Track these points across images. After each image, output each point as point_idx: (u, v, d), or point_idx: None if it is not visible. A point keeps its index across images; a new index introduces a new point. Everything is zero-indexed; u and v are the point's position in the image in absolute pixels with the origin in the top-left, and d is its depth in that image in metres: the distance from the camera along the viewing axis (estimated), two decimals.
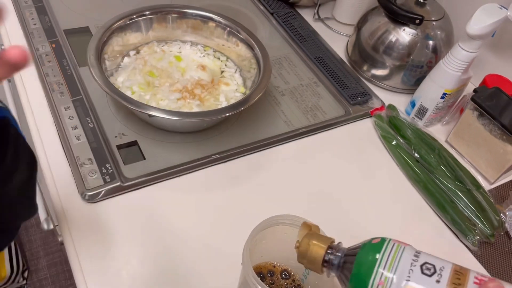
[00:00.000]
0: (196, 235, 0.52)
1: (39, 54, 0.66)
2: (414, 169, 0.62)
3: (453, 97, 0.68)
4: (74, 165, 0.54)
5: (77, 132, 0.57)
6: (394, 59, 0.73)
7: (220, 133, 0.62)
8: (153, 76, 0.61)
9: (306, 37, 0.81)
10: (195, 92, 0.59)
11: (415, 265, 0.33)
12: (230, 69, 0.67)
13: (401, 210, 0.59)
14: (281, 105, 0.68)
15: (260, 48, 0.64)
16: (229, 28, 0.67)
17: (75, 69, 0.65)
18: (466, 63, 0.62)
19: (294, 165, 0.62)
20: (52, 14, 0.73)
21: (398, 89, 0.76)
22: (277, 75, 0.73)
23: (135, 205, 0.53)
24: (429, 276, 0.32)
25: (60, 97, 0.61)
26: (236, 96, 0.63)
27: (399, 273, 0.32)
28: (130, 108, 0.53)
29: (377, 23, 0.74)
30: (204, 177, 0.58)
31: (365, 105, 0.71)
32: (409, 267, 0.33)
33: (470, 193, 0.59)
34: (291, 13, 0.86)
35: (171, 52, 0.66)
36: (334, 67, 0.77)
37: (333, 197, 0.59)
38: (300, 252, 0.38)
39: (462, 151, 0.67)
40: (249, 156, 0.61)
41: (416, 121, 0.70)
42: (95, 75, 0.54)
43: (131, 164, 0.56)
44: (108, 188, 0.53)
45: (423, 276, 0.32)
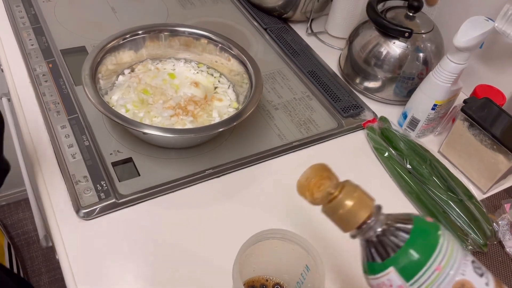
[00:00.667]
0: (191, 250, 0.52)
1: (36, 74, 0.68)
2: (406, 180, 0.62)
3: (444, 108, 0.68)
4: (69, 183, 0.55)
5: (73, 150, 0.58)
6: (386, 72, 0.74)
7: (214, 148, 0.63)
8: (147, 93, 0.62)
9: (299, 52, 0.83)
10: (188, 108, 0.60)
11: (468, 260, 0.31)
12: (223, 85, 0.68)
13: None
14: (274, 119, 0.69)
15: (251, 64, 0.65)
16: (221, 44, 0.68)
17: (71, 88, 0.67)
18: (455, 75, 0.63)
19: (287, 178, 0.62)
20: (49, 35, 0.75)
21: (391, 101, 0.77)
22: (271, 89, 0.74)
23: (130, 221, 0.54)
24: (480, 276, 0.31)
25: (56, 116, 0.62)
26: (229, 112, 0.64)
27: (457, 263, 0.30)
28: (124, 126, 0.54)
29: (368, 36, 0.75)
30: (198, 192, 0.58)
31: (358, 118, 0.72)
32: (463, 260, 0.31)
33: (462, 203, 0.59)
34: (284, 28, 0.88)
35: (165, 70, 0.68)
36: (327, 80, 0.78)
37: None
38: (339, 202, 0.34)
39: (455, 161, 0.68)
40: (243, 170, 0.62)
41: (409, 132, 0.71)
42: (90, 94, 0.55)
43: (126, 181, 0.57)
44: (103, 205, 0.53)
45: (475, 275, 0.31)
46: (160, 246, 0.52)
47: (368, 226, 0.34)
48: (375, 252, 0.33)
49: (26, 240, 1.36)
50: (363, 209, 0.34)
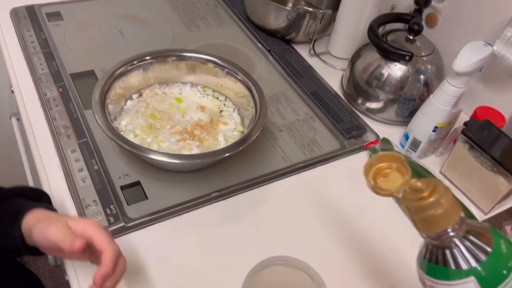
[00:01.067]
0: (198, 272, 0.54)
1: (47, 98, 0.70)
2: None
3: (445, 129, 0.70)
4: (79, 207, 0.57)
5: (83, 174, 0.60)
6: (387, 93, 0.75)
7: (219, 170, 0.64)
8: (155, 118, 0.64)
9: (302, 73, 0.84)
10: (195, 133, 0.62)
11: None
12: (228, 108, 0.70)
13: (398, 242, 0.61)
14: (278, 141, 0.71)
15: (256, 88, 0.67)
16: (227, 69, 0.70)
17: (81, 112, 0.68)
18: (455, 98, 0.65)
19: (292, 200, 0.64)
20: (59, 59, 0.77)
21: (393, 121, 0.78)
22: (275, 111, 0.76)
23: (138, 244, 0.55)
24: None
25: (66, 140, 0.64)
26: (234, 135, 0.66)
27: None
28: (133, 153, 0.56)
29: (370, 58, 0.77)
30: (204, 215, 0.60)
31: (360, 139, 0.74)
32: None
33: None
34: (288, 49, 0.90)
35: (172, 94, 0.69)
36: (329, 101, 0.79)
37: (331, 229, 0.61)
38: (430, 204, 0.32)
39: (456, 182, 0.69)
40: (248, 192, 0.63)
41: (411, 153, 0.72)
42: (100, 121, 0.57)
43: (134, 205, 0.58)
44: (112, 229, 0.55)
45: None
46: (168, 269, 0.53)
47: (451, 232, 0.33)
48: (452, 258, 0.33)
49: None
50: (453, 215, 0.33)
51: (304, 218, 0.62)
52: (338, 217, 0.62)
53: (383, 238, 0.61)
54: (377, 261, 0.58)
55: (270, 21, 0.89)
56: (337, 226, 0.61)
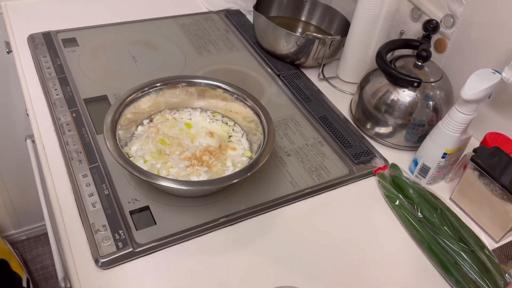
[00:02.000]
0: None
1: (61, 123, 0.71)
2: (417, 229, 0.63)
3: (455, 156, 0.69)
4: (89, 232, 0.57)
5: (93, 199, 0.61)
6: (396, 118, 0.75)
7: (227, 195, 0.65)
8: (165, 144, 0.65)
9: (311, 97, 0.85)
10: (203, 158, 0.63)
11: None
12: (237, 133, 0.71)
13: (406, 270, 0.60)
14: (286, 166, 0.71)
15: (264, 114, 0.67)
16: (236, 95, 0.71)
17: (93, 136, 0.70)
18: (464, 125, 0.65)
19: (300, 226, 0.64)
20: (73, 84, 0.79)
21: (402, 147, 0.78)
22: (283, 135, 0.77)
23: (146, 270, 0.55)
24: None
25: (78, 164, 0.65)
26: (242, 161, 0.66)
27: None
28: (142, 179, 0.57)
29: (379, 83, 0.77)
30: (212, 240, 0.60)
31: (369, 164, 0.74)
32: None
33: (474, 254, 0.60)
34: (297, 74, 0.91)
35: (182, 120, 0.71)
36: (338, 126, 0.80)
37: (338, 257, 0.60)
38: None
39: (466, 209, 0.68)
40: (256, 218, 0.64)
41: (420, 179, 0.72)
42: (110, 148, 0.58)
43: (142, 230, 0.59)
44: (121, 254, 0.55)
45: None
46: None
47: None
48: None
49: (44, 275, 1.39)
50: None
51: (311, 245, 0.61)
52: (346, 244, 0.62)
53: (392, 269, 0.60)
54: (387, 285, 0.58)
55: (280, 46, 0.90)
56: (345, 254, 0.61)
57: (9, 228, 1.44)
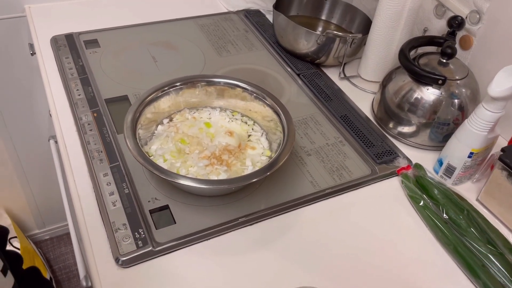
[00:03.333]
0: None
1: (82, 123, 0.72)
2: (443, 231, 0.61)
3: (481, 155, 0.67)
4: (109, 230, 0.58)
5: (114, 198, 0.61)
6: (420, 117, 0.74)
7: (247, 195, 0.64)
8: (184, 143, 0.64)
9: (332, 96, 0.84)
10: (223, 158, 0.62)
11: None
12: (256, 133, 0.70)
13: (430, 273, 0.58)
14: (307, 166, 0.70)
15: (284, 113, 0.67)
16: (255, 94, 0.70)
17: (114, 136, 0.70)
18: (491, 123, 0.62)
19: (320, 227, 0.62)
20: (95, 85, 0.80)
21: (426, 146, 0.76)
22: (303, 135, 0.76)
23: (165, 269, 0.55)
24: None
25: (99, 164, 0.66)
26: (262, 160, 0.66)
27: None
28: (162, 178, 0.56)
29: (401, 82, 0.75)
30: (232, 240, 0.59)
31: (392, 164, 0.72)
32: None
33: (503, 256, 0.57)
34: (317, 73, 0.90)
35: (202, 119, 0.70)
36: (359, 125, 0.78)
37: (360, 259, 0.59)
38: None
39: (494, 210, 0.66)
40: (275, 218, 0.63)
41: (445, 180, 0.70)
42: (131, 146, 0.58)
43: (162, 229, 0.59)
44: (141, 253, 0.55)
45: None
46: None
47: None
48: None
49: (67, 274, 1.41)
50: None
51: (333, 246, 0.60)
52: (368, 245, 0.61)
53: (416, 271, 0.59)
54: None
55: (300, 45, 0.89)
56: (367, 255, 0.59)
57: (33, 227, 1.47)
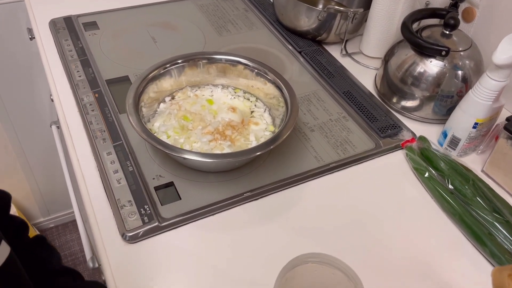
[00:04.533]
0: (231, 272, 0.53)
1: (84, 103, 0.72)
2: (448, 201, 0.61)
3: (486, 126, 0.67)
4: (115, 207, 0.58)
5: (118, 176, 0.61)
6: (424, 90, 0.73)
7: (251, 170, 0.64)
8: (187, 120, 0.64)
9: (334, 73, 0.83)
10: (226, 133, 0.62)
11: None
12: (259, 109, 0.70)
13: (437, 243, 0.58)
14: (310, 141, 0.70)
15: (287, 88, 0.66)
16: (257, 70, 0.70)
17: (116, 116, 0.70)
18: (496, 92, 0.62)
19: (326, 200, 0.62)
20: (95, 66, 0.79)
21: (430, 120, 0.76)
22: (306, 111, 0.75)
23: (172, 244, 0.55)
24: None
25: (102, 143, 0.66)
26: (265, 135, 0.65)
27: None
28: (166, 152, 0.56)
29: (404, 55, 0.75)
30: (237, 215, 0.59)
31: (396, 138, 0.72)
32: None
33: (509, 224, 0.57)
34: (319, 50, 0.89)
35: (204, 96, 0.70)
36: (363, 100, 0.78)
37: (366, 231, 0.59)
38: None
39: (500, 180, 0.66)
40: (280, 193, 0.63)
41: (450, 152, 0.70)
42: (133, 123, 0.58)
43: (167, 205, 0.59)
44: (147, 228, 0.56)
45: None
46: (201, 268, 0.53)
47: None
48: None
49: (73, 261, 1.42)
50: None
51: (338, 219, 0.60)
52: (373, 217, 0.61)
53: (422, 242, 0.59)
54: (413, 262, 0.56)
55: (301, 22, 0.88)
56: (373, 227, 0.59)
57: (37, 216, 1.47)
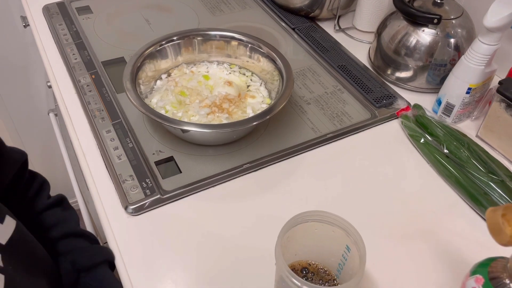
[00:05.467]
0: (233, 240, 0.54)
1: (81, 85, 0.72)
2: (444, 164, 0.62)
3: (479, 91, 0.68)
4: (117, 182, 0.59)
5: (118, 152, 0.62)
6: (417, 60, 0.74)
7: (249, 143, 0.65)
8: (184, 95, 0.65)
9: (328, 48, 0.84)
10: (223, 106, 0.63)
11: None
12: (255, 82, 0.71)
13: (434, 206, 0.60)
14: (307, 114, 0.71)
15: (281, 60, 0.67)
16: (251, 44, 0.70)
17: (113, 95, 0.71)
18: (488, 56, 0.63)
19: (324, 169, 0.63)
20: (91, 49, 0.80)
21: (424, 89, 0.77)
22: (302, 85, 0.76)
23: (174, 215, 0.56)
24: None
25: (101, 122, 0.66)
26: (262, 108, 0.66)
27: None
28: (165, 125, 0.57)
29: (397, 26, 0.75)
30: (238, 185, 0.60)
31: (391, 107, 0.73)
32: None
33: (504, 183, 0.58)
34: (312, 26, 0.89)
35: (199, 73, 0.71)
36: (357, 73, 0.78)
37: (365, 198, 0.60)
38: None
39: (494, 144, 0.67)
40: (279, 164, 0.64)
41: (444, 119, 0.71)
42: (131, 98, 0.58)
43: (169, 178, 0.60)
44: (149, 201, 0.56)
45: None
46: (204, 236, 0.54)
47: None
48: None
49: None
50: None
51: (337, 186, 0.61)
52: (372, 184, 0.62)
53: (420, 205, 0.60)
54: (413, 225, 0.57)
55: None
56: (371, 193, 0.61)
57: None
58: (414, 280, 0.52)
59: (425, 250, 0.54)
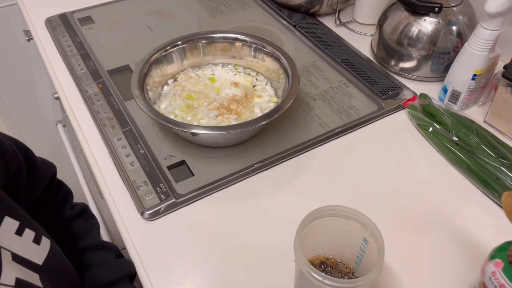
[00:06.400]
0: (250, 239, 0.55)
1: (89, 95, 0.73)
2: (454, 152, 0.62)
3: (484, 76, 0.68)
4: (131, 189, 0.59)
5: (131, 159, 0.63)
6: (420, 50, 0.74)
7: (259, 143, 0.65)
8: (192, 99, 0.65)
9: (331, 43, 0.84)
10: (231, 107, 0.63)
11: None
12: (261, 82, 0.71)
13: (447, 194, 0.60)
14: (314, 110, 0.71)
15: (286, 58, 0.67)
16: (255, 44, 0.71)
17: (122, 103, 0.71)
18: (491, 42, 0.63)
19: (335, 163, 0.64)
20: (96, 58, 0.80)
21: (429, 78, 0.77)
22: (307, 82, 0.76)
23: (190, 217, 0.57)
24: None
25: (111, 130, 0.67)
26: (270, 106, 0.67)
27: None
28: (175, 129, 0.58)
29: (398, 17, 0.76)
30: (250, 185, 0.61)
31: (397, 98, 0.73)
32: None
33: None
34: (313, 22, 0.90)
35: (205, 75, 0.71)
36: (361, 66, 0.79)
37: (377, 190, 0.60)
38: None
39: (502, 128, 0.67)
40: (290, 161, 0.64)
41: (451, 106, 0.71)
42: (141, 104, 0.59)
43: (182, 182, 0.60)
44: (164, 205, 0.57)
45: None
46: (220, 237, 0.55)
47: None
48: None
49: None
50: None
51: (348, 180, 0.62)
52: (383, 176, 0.62)
53: (432, 193, 0.60)
54: (426, 213, 0.57)
55: None
56: (382, 185, 0.61)
57: None
58: (432, 268, 0.52)
59: (441, 238, 0.55)
